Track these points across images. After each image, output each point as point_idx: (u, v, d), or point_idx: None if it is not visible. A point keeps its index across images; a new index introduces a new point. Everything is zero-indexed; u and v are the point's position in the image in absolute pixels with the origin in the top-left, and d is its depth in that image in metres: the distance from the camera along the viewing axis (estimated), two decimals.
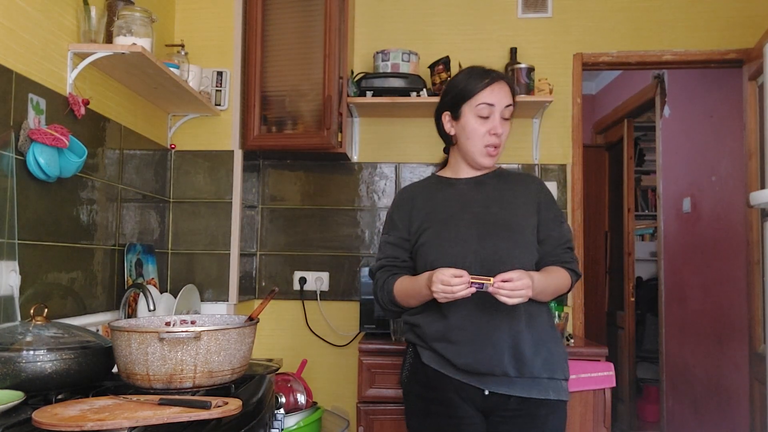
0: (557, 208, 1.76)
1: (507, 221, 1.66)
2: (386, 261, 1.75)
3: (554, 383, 1.61)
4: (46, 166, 1.68)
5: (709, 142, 3.68)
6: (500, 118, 1.67)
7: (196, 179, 2.71)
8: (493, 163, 1.73)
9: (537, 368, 1.59)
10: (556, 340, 1.68)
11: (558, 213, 1.74)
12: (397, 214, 1.78)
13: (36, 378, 1.33)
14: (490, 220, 1.67)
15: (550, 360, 1.62)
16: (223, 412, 1.20)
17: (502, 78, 1.70)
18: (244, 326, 1.46)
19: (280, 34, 2.72)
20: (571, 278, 1.68)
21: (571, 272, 1.68)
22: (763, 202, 2.27)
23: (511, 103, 1.69)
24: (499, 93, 1.67)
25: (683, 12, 3.04)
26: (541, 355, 1.60)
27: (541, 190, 1.75)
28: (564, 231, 1.72)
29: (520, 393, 1.58)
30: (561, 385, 1.63)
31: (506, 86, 1.70)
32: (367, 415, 2.44)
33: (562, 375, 1.64)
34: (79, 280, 1.99)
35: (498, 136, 1.67)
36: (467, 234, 1.64)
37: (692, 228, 3.89)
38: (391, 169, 3.08)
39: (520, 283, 1.46)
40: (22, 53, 1.70)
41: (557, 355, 1.64)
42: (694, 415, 3.83)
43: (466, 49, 3.06)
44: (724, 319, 3.47)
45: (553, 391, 1.60)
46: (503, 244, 1.63)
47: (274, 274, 3.07)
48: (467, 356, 1.59)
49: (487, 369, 1.58)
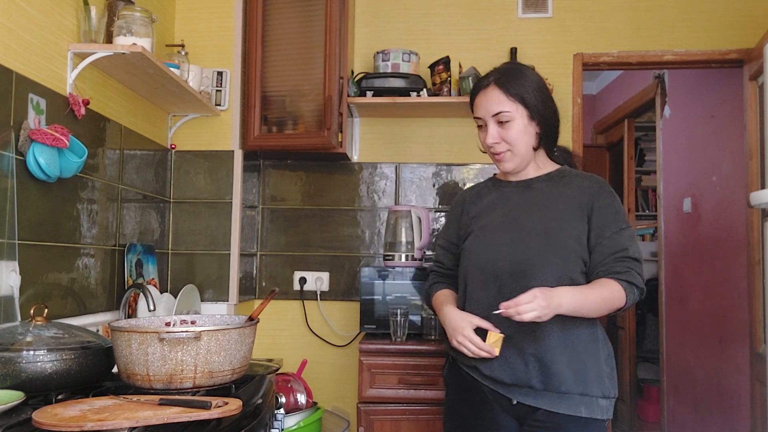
0: (616, 214, 1.60)
1: (545, 227, 1.59)
2: (435, 266, 1.86)
3: (587, 399, 1.54)
4: (46, 166, 1.68)
5: (709, 142, 3.68)
6: (496, 126, 1.62)
7: (196, 179, 2.71)
8: (508, 168, 1.66)
9: (567, 383, 1.53)
10: (596, 355, 1.58)
11: (616, 220, 1.59)
12: (450, 216, 1.83)
13: (36, 378, 1.33)
14: (528, 226, 1.60)
15: (584, 375, 1.54)
16: (223, 412, 1.20)
17: (488, 84, 1.63)
18: (244, 326, 1.46)
19: (280, 34, 2.72)
20: (626, 290, 1.52)
21: (625, 284, 1.53)
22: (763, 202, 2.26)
23: (500, 110, 1.60)
24: (483, 104, 1.63)
25: (684, 12, 3.03)
26: (573, 369, 1.54)
27: (598, 194, 1.61)
28: (621, 239, 1.56)
29: (548, 406, 1.54)
30: (596, 403, 1.55)
31: (492, 92, 1.62)
32: (368, 416, 2.43)
33: (600, 392, 1.55)
34: (79, 280, 1.99)
35: (493, 147, 1.63)
36: (501, 239, 1.61)
37: (693, 228, 3.89)
38: (391, 169, 3.08)
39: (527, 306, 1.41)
40: (22, 53, 1.70)
41: (594, 371, 1.56)
42: (695, 415, 3.83)
43: (466, 49, 3.06)
44: (725, 319, 3.47)
45: (585, 408, 1.53)
46: (536, 250, 1.57)
47: (275, 274, 3.07)
48: (493, 366, 1.59)
49: (512, 380, 1.57)
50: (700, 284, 3.80)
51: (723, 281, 3.49)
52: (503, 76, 1.63)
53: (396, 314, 2.50)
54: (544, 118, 1.63)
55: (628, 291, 1.53)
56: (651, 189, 5.67)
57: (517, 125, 1.61)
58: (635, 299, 1.55)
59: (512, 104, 1.60)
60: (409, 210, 2.76)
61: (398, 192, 3.06)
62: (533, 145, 1.65)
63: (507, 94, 1.60)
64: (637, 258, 1.56)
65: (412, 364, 2.42)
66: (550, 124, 1.65)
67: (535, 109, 1.61)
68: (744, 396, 3.19)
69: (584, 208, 1.59)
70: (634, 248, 1.57)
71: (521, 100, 1.60)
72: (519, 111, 1.60)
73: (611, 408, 1.59)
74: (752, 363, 3.02)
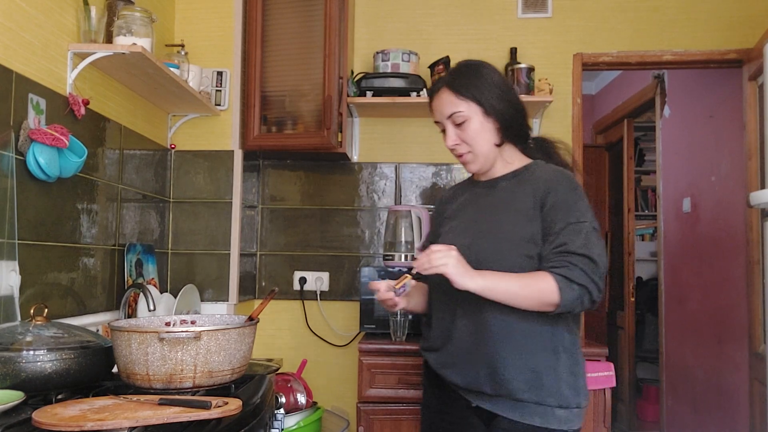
0: (569, 209, 1.50)
1: (500, 228, 1.55)
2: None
3: (542, 409, 1.48)
4: (46, 166, 1.68)
5: (709, 142, 3.68)
6: (454, 128, 1.59)
7: (196, 179, 2.71)
8: (474, 169, 1.65)
9: (519, 390, 1.48)
10: (554, 364, 1.50)
11: (567, 215, 1.49)
12: (433, 216, 1.83)
13: (36, 378, 1.33)
14: (485, 227, 1.58)
15: (538, 383, 1.48)
16: (223, 412, 1.20)
17: (440, 88, 1.60)
18: (244, 326, 1.46)
19: (280, 34, 2.72)
20: (559, 284, 1.41)
21: (560, 278, 1.41)
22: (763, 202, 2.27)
23: (454, 111, 1.57)
24: (438, 108, 1.61)
25: (683, 12, 3.04)
26: (525, 377, 1.48)
27: (552, 188, 1.53)
28: (567, 234, 1.46)
29: (503, 413, 1.50)
30: (552, 413, 1.48)
31: (444, 94, 1.59)
32: (367, 415, 2.44)
33: (556, 402, 1.48)
34: (79, 280, 1.99)
35: (454, 149, 1.61)
36: (461, 242, 1.57)
37: (692, 228, 3.89)
38: (391, 169, 3.08)
39: (438, 254, 1.40)
40: (22, 53, 1.70)
41: (551, 380, 1.49)
42: (694, 415, 3.83)
43: (466, 49, 3.06)
44: (724, 319, 3.47)
45: (540, 418, 1.48)
46: (488, 252, 1.53)
47: (274, 274, 3.07)
48: (448, 368, 1.59)
49: (464, 384, 1.55)
50: (699, 284, 3.80)
51: (722, 281, 3.49)
52: (453, 77, 1.61)
53: (396, 314, 2.50)
54: (500, 113, 1.58)
55: (563, 286, 1.40)
56: (650, 189, 5.68)
57: (474, 124, 1.57)
58: (579, 298, 1.41)
59: (464, 103, 1.57)
60: (409, 210, 2.76)
61: (398, 192, 3.06)
62: (495, 141, 1.60)
63: (458, 95, 1.58)
64: (582, 253, 1.43)
65: (412, 364, 2.42)
66: (509, 117, 1.59)
67: (489, 105, 1.57)
68: (743, 395, 3.20)
69: (538, 204, 1.53)
70: (580, 243, 1.44)
71: (473, 98, 1.57)
72: (472, 109, 1.57)
73: (576, 419, 1.52)
74: (751, 362, 3.02)
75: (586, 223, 1.48)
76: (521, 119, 1.63)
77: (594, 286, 1.42)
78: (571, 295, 1.41)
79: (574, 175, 1.62)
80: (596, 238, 1.47)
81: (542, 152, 1.70)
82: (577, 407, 1.52)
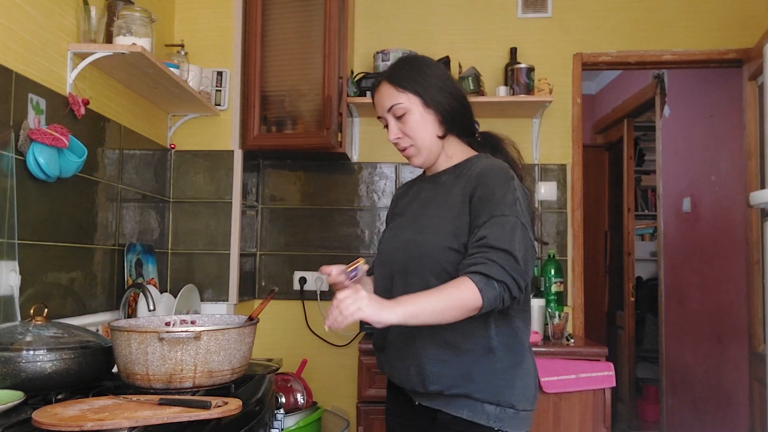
0: (492, 202, 1.43)
1: (432, 224, 1.52)
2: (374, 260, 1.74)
3: (470, 402, 1.45)
4: (46, 166, 1.68)
5: (708, 142, 3.68)
6: (395, 122, 1.57)
7: (196, 179, 2.71)
8: (418, 163, 1.62)
9: (448, 386, 1.45)
10: (486, 360, 1.46)
11: (490, 208, 1.42)
12: (387, 213, 1.80)
13: (36, 378, 1.33)
14: (420, 224, 1.55)
15: (468, 380, 1.45)
16: (223, 412, 1.20)
17: (380, 82, 1.59)
18: (244, 326, 1.46)
19: (280, 34, 2.72)
20: (478, 285, 1.32)
21: (479, 277, 1.33)
22: (762, 202, 2.27)
23: (393, 104, 1.55)
24: (378, 102, 1.60)
25: (683, 12, 3.04)
26: (454, 373, 1.45)
27: (479, 182, 1.48)
28: (488, 227, 1.40)
29: (439, 408, 1.49)
30: (481, 408, 1.44)
31: (384, 88, 1.58)
32: (367, 415, 2.43)
33: (484, 397, 1.44)
34: (79, 280, 1.99)
35: (397, 143, 1.60)
36: (400, 239, 1.56)
37: (692, 228, 3.89)
38: (391, 169, 3.08)
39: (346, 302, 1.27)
40: (22, 53, 1.70)
41: (481, 375, 1.45)
42: (694, 414, 3.83)
43: (466, 49, 3.06)
44: (724, 319, 3.47)
45: (467, 410, 1.45)
46: (419, 250, 1.50)
47: (274, 274, 3.07)
48: (387, 368, 1.58)
49: (400, 383, 1.55)
50: (699, 284, 3.80)
51: (722, 281, 3.49)
52: (392, 71, 1.60)
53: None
54: (440, 104, 1.55)
55: (483, 286, 1.32)
56: (650, 189, 5.68)
57: (414, 116, 1.55)
58: (499, 295, 1.34)
59: (403, 95, 1.55)
60: None
61: None
62: (437, 133, 1.57)
63: (396, 87, 1.56)
64: (502, 248, 1.35)
65: None
66: (450, 109, 1.56)
67: (429, 96, 1.55)
68: (743, 395, 3.20)
69: (467, 197, 1.49)
70: (502, 237, 1.37)
71: (412, 90, 1.55)
72: (411, 100, 1.55)
73: (511, 420, 1.46)
74: (751, 362, 3.02)
75: (511, 217, 1.40)
76: (465, 112, 1.60)
77: (513, 282, 1.35)
78: (492, 293, 1.33)
79: (517, 172, 1.57)
80: (522, 233, 1.40)
81: (489, 146, 1.66)
82: (512, 408, 1.45)
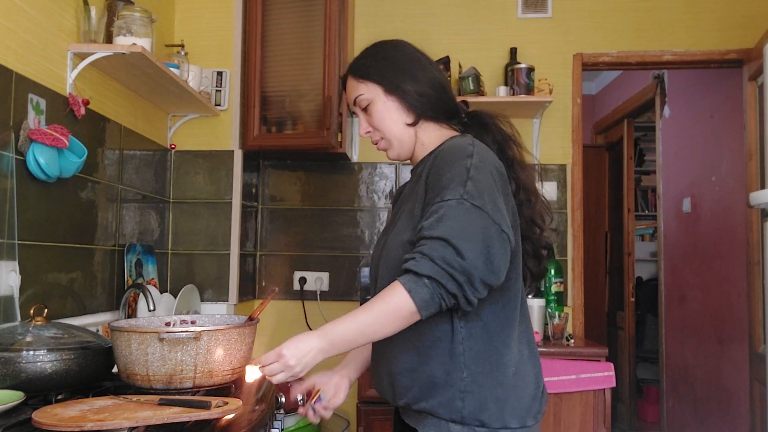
0: (442, 185, 1.25)
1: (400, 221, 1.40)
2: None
3: (435, 421, 1.29)
4: (46, 166, 1.68)
5: (709, 142, 3.68)
6: (363, 115, 1.48)
7: (196, 179, 2.71)
8: (393, 156, 1.51)
9: (415, 400, 1.32)
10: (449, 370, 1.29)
11: (436, 192, 1.25)
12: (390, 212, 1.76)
13: (36, 378, 1.33)
14: (395, 222, 1.44)
15: (432, 392, 1.30)
16: (223, 412, 1.20)
17: (346, 77, 1.51)
18: (244, 326, 1.46)
19: (280, 34, 2.72)
20: (406, 286, 1.16)
21: (407, 278, 1.17)
22: (763, 203, 2.27)
23: (356, 95, 1.46)
24: (348, 93, 1.51)
25: (683, 12, 3.04)
26: (420, 384, 1.31)
27: (432, 167, 1.33)
28: (426, 216, 1.23)
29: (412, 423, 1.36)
30: (446, 427, 1.28)
31: (348, 82, 1.50)
32: (367, 416, 2.43)
33: (448, 414, 1.28)
34: (79, 280, 1.99)
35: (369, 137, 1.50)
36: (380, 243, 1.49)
37: (692, 228, 3.89)
38: (391, 169, 3.08)
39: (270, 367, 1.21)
40: (22, 53, 1.70)
41: (444, 387, 1.29)
42: (694, 415, 3.83)
43: (466, 49, 3.06)
44: (724, 319, 3.47)
45: (434, 429, 1.30)
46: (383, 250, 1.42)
47: (274, 274, 3.07)
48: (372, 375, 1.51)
49: (379, 392, 1.46)
50: (699, 284, 3.80)
51: (722, 281, 3.49)
52: (354, 62, 1.52)
53: None
54: (399, 87, 1.43)
55: (412, 286, 1.16)
56: (651, 189, 5.67)
57: (377, 105, 1.45)
58: (433, 294, 1.15)
59: (363, 85, 1.46)
60: None
61: None
62: (406, 121, 1.44)
63: (357, 78, 1.47)
64: (433, 236, 1.17)
65: None
66: (416, 93, 1.43)
67: (389, 83, 1.44)
68: (743, 396, 3.20)
69: (423, 186, 1.34)
70: (433, 222, 1.19)
71: (371, 79, 1.45)
72: (372, 89, 1.45)
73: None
74: (751, 363, 3.02)
75: (452, 201, 1.20)
76: (438, 94, 1.45)
77: (448, 278, 1.14)
78: (424, 293, 1.15)
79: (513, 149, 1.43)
80: (469, 216, 1.18)
81: (478, 126, 1.50)
82: (482, 426, 1.27)
